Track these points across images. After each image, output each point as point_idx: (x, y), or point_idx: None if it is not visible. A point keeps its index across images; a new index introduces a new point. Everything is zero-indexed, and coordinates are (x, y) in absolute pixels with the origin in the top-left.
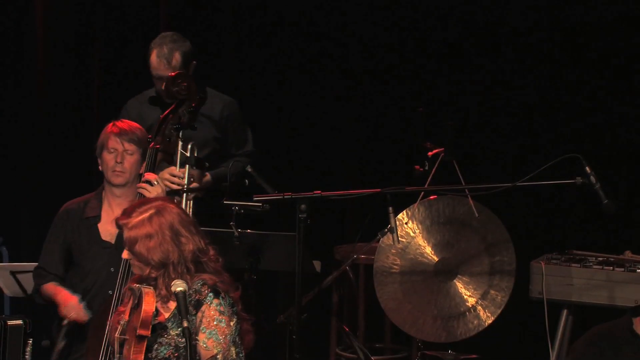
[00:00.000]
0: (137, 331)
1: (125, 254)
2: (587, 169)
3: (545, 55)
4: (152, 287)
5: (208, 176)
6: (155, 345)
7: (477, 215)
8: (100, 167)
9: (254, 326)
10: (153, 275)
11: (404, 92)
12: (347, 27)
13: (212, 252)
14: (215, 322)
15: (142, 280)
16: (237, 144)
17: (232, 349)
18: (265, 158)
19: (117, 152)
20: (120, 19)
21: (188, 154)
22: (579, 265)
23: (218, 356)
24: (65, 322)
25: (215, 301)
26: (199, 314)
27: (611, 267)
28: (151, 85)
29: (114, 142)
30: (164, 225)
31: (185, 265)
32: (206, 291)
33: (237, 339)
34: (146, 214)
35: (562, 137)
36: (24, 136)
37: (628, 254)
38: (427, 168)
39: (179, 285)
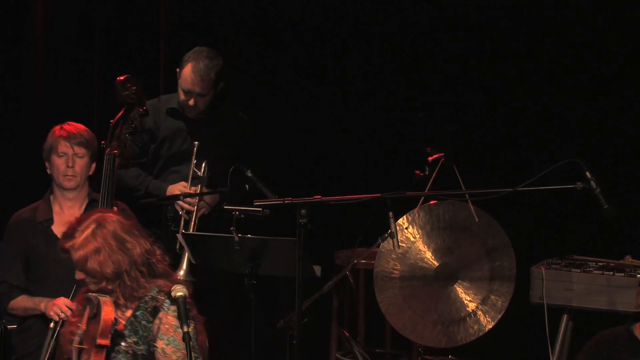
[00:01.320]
0: (97, 341)
1: (78, 275)
2: (588, 174)
3: (546, 59)
4: (109, 296)
5: (216, 196)
6: (113, 354)
7: (477, 220)
8: (48, 171)
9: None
10: (110, 287)
11: (404, 97)
12: (347, 31)
13: (158, 252)
14: (173, 329)
15: (97, 290)
16: (244, 158)
17: (192, 354)
18: (265, 163)
19: (68, 156)
20: (121, 12)
21: (201, 173)
22: (579, 271)
23: None
24: (52, 324)
25: (173, 308)
26: (157, 321)
27: (611, 272)
28: (154, 86)
29: (64, 147)
30: (108, 236)
31: (138, 269)
32: (163, 298)
33: (195, 344)
34: (88, 230)
35: (563, 142)
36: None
37: (628, 259)
38: (427, 173)
39: (179, 291)
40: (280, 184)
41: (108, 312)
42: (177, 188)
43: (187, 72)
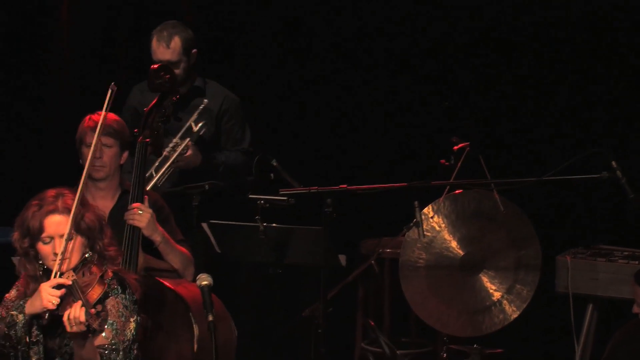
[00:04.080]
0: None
1: (60, 244)
2: (613, 163)
3: (572, 49)
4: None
5: (200, 156)
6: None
7: (502, 209)
8: (80, 161)
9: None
10: (98, 247)
11: (430, 87)
12: (372, 20)
13: (109, 233)
14: (117, 315)
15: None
16: (233, 140)
17: (132, 345)
18: (291, 152)
19: (96, 147)
20: (146, 12)
21: (195, 129)
22: (604, 260)
23: (114, 347)
24: None
25: (122, 295)
26: (106, 306)
27: (637, 262)
28: None
29: (91, 137)
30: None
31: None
32: (115, 285)
33: (136, 336)
34: (62, 198)
35: (589, 131)
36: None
37: None
38: (452, 162)
39: (204, 280)
40: (306, 173)
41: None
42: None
43: (154, 44)
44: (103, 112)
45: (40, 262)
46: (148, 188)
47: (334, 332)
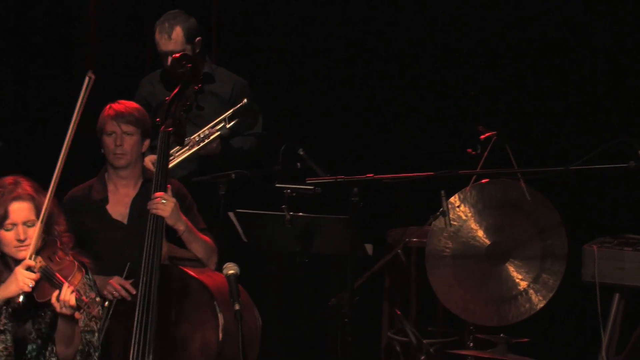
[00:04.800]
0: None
1: (30, 232)
2: None
3: (599, 39)
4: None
5: (220, 146)
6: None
7: (529, 198)
8: (102, 151)
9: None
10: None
11: (456, 76)
12: (400, 10)
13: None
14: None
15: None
16: (246, 125)
17: (103, 325)
18: (318, 141)
19: (116, 135)
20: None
21: (227, 125)
22: (631, 249)
23: (89, 328)
24: (107, 302)
25: (86, 276)
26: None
27: None
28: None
29: (112, 125)
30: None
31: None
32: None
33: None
34: (20, 185)
35: (615, 120)
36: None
37: None
38: (479, 151)
39: (230, 269)
40: (332, 162)
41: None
42: (147, 161)
43: (157, 36)
44: (80, 100)
45: None
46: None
47: (360, 322)
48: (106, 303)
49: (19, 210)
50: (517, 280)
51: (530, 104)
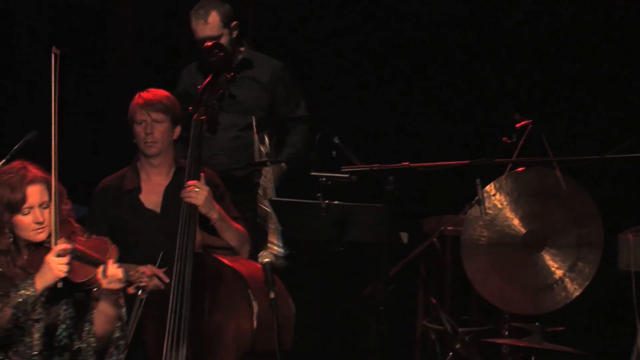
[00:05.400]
0: None
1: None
2: None
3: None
4: None
5: (284, 165)
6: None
7: (564, 187)
8: (134, 140)
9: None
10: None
11: (492, 65)
12: None
13: None
14: None
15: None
16: (288, 108)
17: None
18: (353, 129)
19: (146, 123)
20: None
21: (265, 148)
22: None
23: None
24: (140, 292)
25: None
26: None
27: None
28: None
29: (141, 114)
30: None
31: None
32: None
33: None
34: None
35: None
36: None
37: None
38: (515, 140)
39: (265, 257)
40: (368, 151)
41: None
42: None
43: (193, 24)
44: (53, 77)
45: (10, 235)
46: None
47: (395, 310)
48: (139, 292)
49: (35, 193)
50: (553, 268)
51: (566, 92)
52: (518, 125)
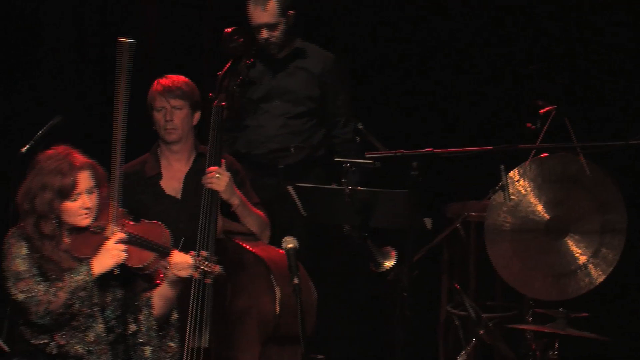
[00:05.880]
0: None
1: (91, 199)
2: None
3: None
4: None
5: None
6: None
7: (588, 173)
8: (153, 127)
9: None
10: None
11: (516, 50)
12: None
13: None
14: None
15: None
16: (335, 102)
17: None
18: (377, 115)
19: (166, 110)
20: None
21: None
22: None
23: None
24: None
25: None
26: None
27: None
28: None
29: (160, 101)
30: None
31: None
32: None
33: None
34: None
35: None
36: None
37: None
38: (539, 126)
39: (289, 242)
40: (392, 136)
41: None
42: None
43: (250, 9)
44: (123, 68)
45: (55, 220)
46: None
47: (419, 296)
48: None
49: (84, 179)
50: (577, 254)
51: (590, 78)
52: (542, 111)
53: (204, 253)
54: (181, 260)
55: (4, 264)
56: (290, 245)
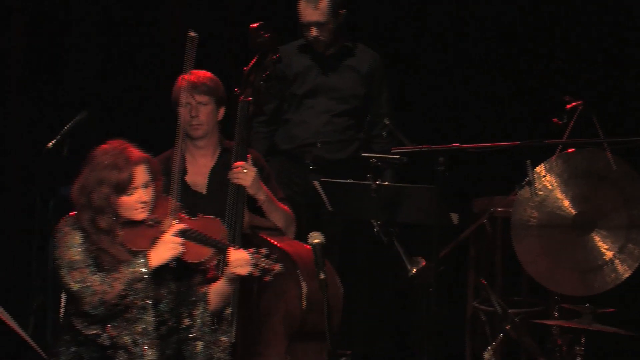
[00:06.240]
0: None
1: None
2: None
3: None
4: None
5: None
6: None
7: (615, 168)
8: (179, 122)
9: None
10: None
11: (541, 47)
12: None
13: None
14: None
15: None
16: (380, 102)
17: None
18: (403, 110)
19: (191, 106)
20: None
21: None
22: None
23: None
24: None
25: None
26: None
27: None
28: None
29: (186, 97)
30: None
31: None
32: None
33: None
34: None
35: None
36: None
37: None
38: (565, 121)
39: (316, 237)
40: (418, 131)
41: None
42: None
43: (301, 6)
44: (190, 60)
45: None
46: None
47: (446, 291)
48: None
49: (140, 173)
50: (603, 250)
51: (617, 73)
52: (569, 106)
53: (263, 250)
54: (240, 257)
55: (57, 252)
56: (316, 241)
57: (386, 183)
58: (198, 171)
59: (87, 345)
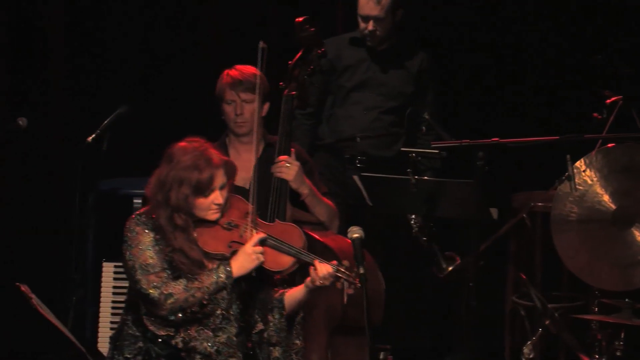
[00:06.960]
0: None
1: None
2: None
3: None
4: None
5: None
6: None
7: None
8: (222, 117)
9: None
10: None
11: (583, 40)
12: None
13: None
14: None
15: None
16: (424, 102)
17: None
18: (443, 104)
19: (236, 103)
20: None
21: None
22: None
23: None
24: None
25: None
26: None
27: None
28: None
29: (230, 94)
30: None
31: None
32: None
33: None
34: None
35: None
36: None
37: None
38: (605, 116)
39: (355, 232)
40: (458, 126)
41: None
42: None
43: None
44: (259, 72)
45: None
46: None
47: (485, 286)
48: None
49: (219, 176)
50: None
51: None
52: (608, 101)
53: (346, 262)
54: (325, 272)
55: (130, 251)
56: (355, 235)
57: (426, 178)
58: (242, 166)
59: (156, 342)
